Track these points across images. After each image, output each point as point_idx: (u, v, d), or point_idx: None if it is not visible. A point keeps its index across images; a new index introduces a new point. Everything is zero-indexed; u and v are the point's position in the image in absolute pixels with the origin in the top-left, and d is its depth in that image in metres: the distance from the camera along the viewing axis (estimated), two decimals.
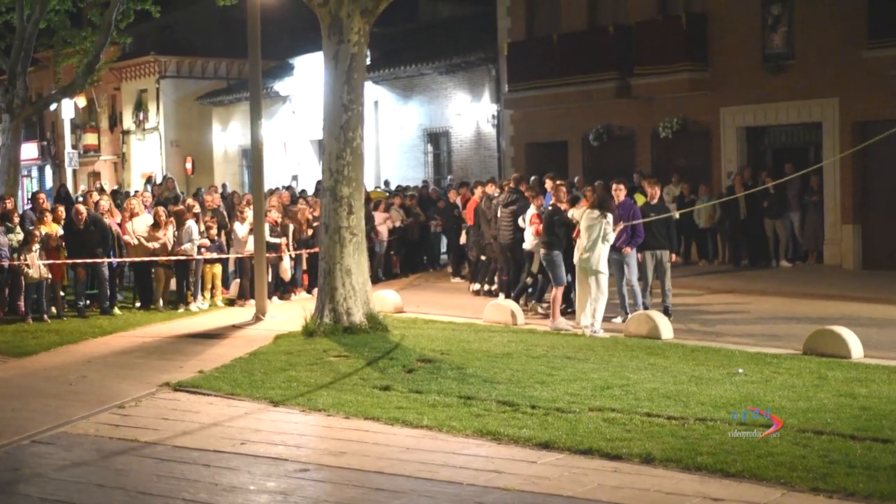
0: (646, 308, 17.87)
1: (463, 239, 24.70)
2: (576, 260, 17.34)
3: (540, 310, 19.52)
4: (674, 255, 18.98)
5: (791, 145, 27.20)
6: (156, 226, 21.37)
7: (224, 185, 31.67)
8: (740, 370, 13.16)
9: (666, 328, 16.33)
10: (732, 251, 26.53)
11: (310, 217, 23.22)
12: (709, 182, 27.11)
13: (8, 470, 10.03)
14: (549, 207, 18.53)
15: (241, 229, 21.94)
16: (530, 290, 20.06)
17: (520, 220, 20.23)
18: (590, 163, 30.52)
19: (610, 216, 17.00)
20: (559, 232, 17.98)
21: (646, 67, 28.39)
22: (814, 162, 25.80)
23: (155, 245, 21.18)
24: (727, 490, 8.49)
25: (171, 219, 21.60)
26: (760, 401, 11.29)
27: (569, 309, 18.50)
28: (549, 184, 20.89)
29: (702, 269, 25.87)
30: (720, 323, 18.06)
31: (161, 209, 22.14)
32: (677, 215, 18.62)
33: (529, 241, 19.70)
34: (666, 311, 18.07)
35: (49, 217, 20.89)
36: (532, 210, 19.71)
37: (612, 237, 17.06)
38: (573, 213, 17.96)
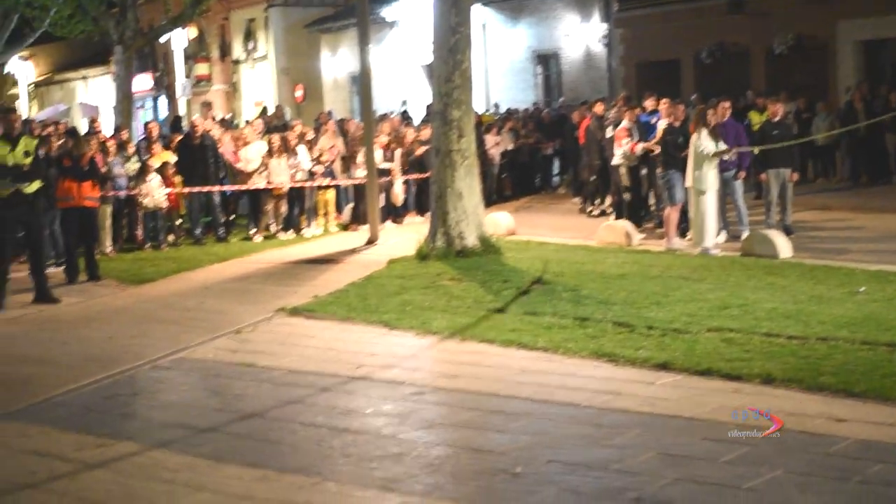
0: (769, 227, 17.56)
1: None
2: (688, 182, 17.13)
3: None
4: (796, 174, 18.59)
5: None
6: (269, 153, 21.36)
7: (330, 112, 31.60)
8: (862, 289, 12.84)
9: (784, 247, 16.00)
10: (851, 168, 25.91)
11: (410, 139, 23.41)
12: (826, 99, 26.44)
13: (129, 394, 10.20)
14: (665, 126, 18.20)
15: (353, 155, 21.97)
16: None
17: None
18: (702, 81, 29.96)
19: (705, 131, 16.66)
20: (674, 151, 17.68)
21: None
22: None
23: (265, 173, 21.19)
24: (851, 410, 8.28)
25: (281, 147, 21.49)
26: (884, 319, 11.00)
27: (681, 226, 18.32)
28: (650, 102, 20.49)
29: (820, 186, 25.34)
30: (840, 241, 17.71)
31: (276, 136, 22.13)
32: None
33: (617, 156, 19.55)
34: (787, 230, 17.77)
35: (159, 146, 21.05)
36: (624, 123, 19.47)
37: (710, 151, 16.66)
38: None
